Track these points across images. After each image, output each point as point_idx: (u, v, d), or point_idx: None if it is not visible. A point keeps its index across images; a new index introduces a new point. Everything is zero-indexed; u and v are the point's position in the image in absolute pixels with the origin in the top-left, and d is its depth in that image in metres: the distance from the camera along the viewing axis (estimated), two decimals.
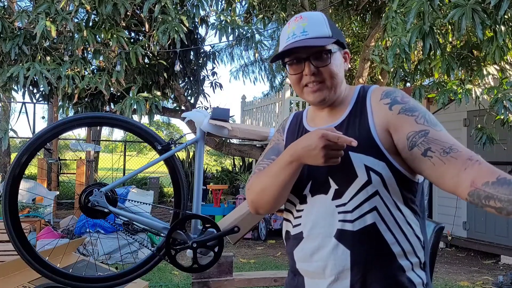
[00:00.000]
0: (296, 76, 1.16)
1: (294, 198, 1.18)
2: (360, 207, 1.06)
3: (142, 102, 5.64)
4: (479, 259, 6.12)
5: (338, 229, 1.07)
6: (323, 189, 1.11)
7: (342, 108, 1.18)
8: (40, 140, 1.90)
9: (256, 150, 8.30)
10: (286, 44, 1.14)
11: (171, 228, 1.90)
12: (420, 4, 3.78)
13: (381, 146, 1.08)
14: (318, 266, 1.09)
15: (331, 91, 1.15)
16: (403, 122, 1.07)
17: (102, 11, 5.24)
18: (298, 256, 1.15)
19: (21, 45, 5.46)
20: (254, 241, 7.17)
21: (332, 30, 1.15)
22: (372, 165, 1.07)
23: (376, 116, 1.12)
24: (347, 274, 1.06)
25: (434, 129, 1.05)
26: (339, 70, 1.15)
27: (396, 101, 1.11)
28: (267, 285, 2.28)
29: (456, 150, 1.00)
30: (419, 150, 1.03)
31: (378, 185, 1.07)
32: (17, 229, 1.89)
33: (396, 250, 1.07)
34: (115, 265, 4.32)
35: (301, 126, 1.27)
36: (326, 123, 1.19)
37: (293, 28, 1.15)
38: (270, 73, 15.51)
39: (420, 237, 1.11)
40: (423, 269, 1.12)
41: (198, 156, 2.10)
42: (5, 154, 11.78)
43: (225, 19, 5.68)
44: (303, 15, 1.16)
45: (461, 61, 4.64)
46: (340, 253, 1.06)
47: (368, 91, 1.18)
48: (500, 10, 3.46)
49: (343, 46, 1.19)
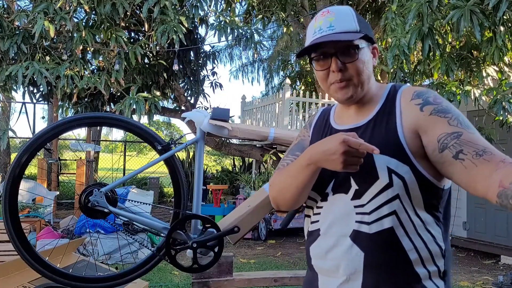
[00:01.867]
0: (322, 72, 1.12)
1: (316, 195, 1.16)
2: (378, 210, 1.04)
3: (141, 102, 5.64)
4: (479, 259, 6.13)
5: (354, 230, 1.05)
6: (344, 188, 1.09)
7: (371, 106, 1.15)
8: (40, 140, 1.90)
9: (256, 150, 8.30)
10: (313, 39, 1.11)
11: (171, 228, 1.90)
12: (419, 6, 3.79)
13: (407, 149, 1.04)
14: (331, 264, 1.09)
15: (357, 88, 1.11)
16: (435, 124, 1.03)
17: (100, 11, 5.25)
18: (314, 252, 1.15)
19: (19, 44, 5.46)
20: (254, 241, 7.18)
21: (360, 24, 1.11)
22: (395, 168, 1.03)
23: (405, 117, 1.07)
24: (359, 275, 1.04)
25: (467, 131, 1.00)
26: (366, 66, 1.11)
27: (428, 102, 1.07)
28: (267, 285, 2.28)
29: (490, 153, 0.95)
30: (451, 152, 0.99)
31: (399, 189, 1.03)
32: (17, 229, 1.89)
33: (413, 257, 1.03)
34: (115, 265, 4.32)
35: (328, 123, 1.24)
36: (353, 122, 1.16)
37: (320, 23, 1.11)
38: (268, 73, 15.52)
39: (442, 245, 1.07)
40: (442, 278, 1.07)
41: (198, 156, 2.10)
42: (5, 154, 11.78)
43: (224, 19, 5.69)
44: (330, 10, 1.12)
45: (460, 62, 4.64)
46: (354, 254, 1.05)
47: (399, 90, 1.15)
48: (499, 11, 3.47)
49: (372, 41, 1.15)
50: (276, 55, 14.41)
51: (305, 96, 8.49)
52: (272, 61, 14.81)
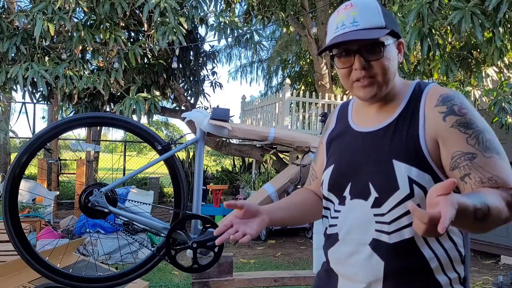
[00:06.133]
0: (344, 70, 1.06)
1: (333, 197, 1.14)
2: (398, 220, 1.01)
3: (141, 102, 5.64)
4: (479, 259, 6.13)
5: (374, 239, 1.03)
6: (363, 195, 1.06)
7: (394, 106, 1.09)
8: (40, 140, 1.90)
9: (256, 150, 8.30)
10: (335, 36, 1.04)
11: (171, 228, 1.90)
12: (419, 7, 3.79)
13: (428, 158, 1.01)
14: (351, 271, 1.07)
15: (382, 87, 1.05)
16: (453, 138, 0.99)
17: (99, 11, 5.25)
18: (333, 257, 1.13)
19: (18, 45, 5.46)
20: (254, 241, 7.17)
21: (386, 19, 1.04)
22: (416, 178, 1.00)
23: (428, 124, 1.03)
24: (379, 284, 1.03)
25: (483, 154, 0.97)
26: (392, 64, 1.05)
27: (452, 111, 1.01)
28: (267, 285, 2.28)
29: (494, 182, 0.94)
30: (459, 173, 0.98)
31: (420, 199, 0.99)
32: (17, 229, 1.89)
33: (433, 265, 1.01)
34: (115, 265, 4.31)
35: (347, 123, 1.19)
36: (375, 123, 1.11)
37: (343, 17, 1.04)
38: (268, 73, 15.53)
39: (462, 252, 1.05)
40: (463, 284, 1.06)
41: (198, 156, 2.10)
42: (5, 154, 11.78)
43: (224, 20, 5.69)
44: (354, 3, 1.05)
45: (460, 62, 4.65)
46: (374, 263, 1.03)
47: (424, 91, 1.08)
48: (499, 12, 3.47)
49: (398, 36, 1.08)
50: (276, 55, 14.41)
51: (305, 96, 8.50)
52: (272, 61, 14.82)
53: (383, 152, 1.05)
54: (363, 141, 1.11)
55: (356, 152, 1.11)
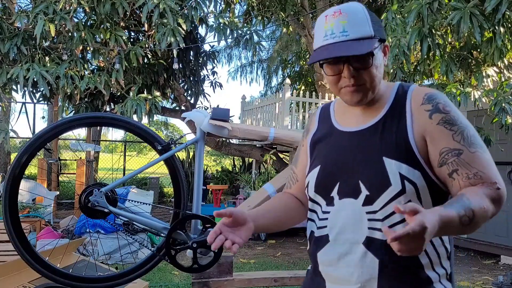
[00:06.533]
0: (333, 77, 1.08)
1: (320, 199, 1.14)
2: (391, 217, 1.03)
3: (142, 103, 5.64)
4: (479, 259, 6.13)
5: (367, 237, 1.04)
6: (353, 193, 1.07)
7: (378, 107, 1.12)
8: (40, 140, 1.91)
9: (256, 150, 8.30)
10: (324, 44, 1.05)
11: (171, 228, 1.90)
12: (419, 7, 3.79)
13: (417, 154, 1.04)
14: (344, 272, 1.07)
15: (369, 92, 1.08)
16: (440, 135, 1.04)
17: (100, 11, 5.25)
18: (322, 259, 1.12)
19: (19, 46, 5.46)
20: (254, 241, 7.17)
21: (374, 26, 1.06)
22: (407, 174, 1.03)
23: (416, 121, 1.07)
24: (373, 283, 1.04)
25: (468, 150, 1.02)
26: (379, 70, 1.08)
27: (437, 109, 1.06)
28: (267, 285, 2.28)
29: (479, 177, 1.00)
30: (448, 169, 1.03)
31: (412, 195, 1.03)
32: (17, 229, 1.89)
33: (424, 261, 1.04)
34: (115, 265, 4.31)
35: (330, 123, 1.20)
36: (360, 123, 1.13)
37: (331, 25, 1.04)
38: (267, 73, 15.54)
39: (448, 247, 1.08)
40: (450, 280, 1.09)
41: (198, 156, 2.11)
42: (5, 154, 11.78)
43: (224, 21, 5.69)
44: (343, 10, 1.05)
45: (460, 62, 4.65)
46: (369, 261, 1.04)
47: (408, 91, 1.12)
48: (498, 13, 3.48)
49: (383, 40, 1.10)
50: (276, 55, 14.41)
51: (305, 96, 8.50)
52: (272, 61, 14.82)
53: (372, 150, 1.07)
54: (349, 140, 1.12)
55: (342, 152, 1.12)
